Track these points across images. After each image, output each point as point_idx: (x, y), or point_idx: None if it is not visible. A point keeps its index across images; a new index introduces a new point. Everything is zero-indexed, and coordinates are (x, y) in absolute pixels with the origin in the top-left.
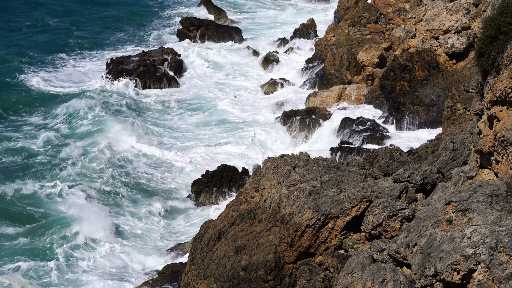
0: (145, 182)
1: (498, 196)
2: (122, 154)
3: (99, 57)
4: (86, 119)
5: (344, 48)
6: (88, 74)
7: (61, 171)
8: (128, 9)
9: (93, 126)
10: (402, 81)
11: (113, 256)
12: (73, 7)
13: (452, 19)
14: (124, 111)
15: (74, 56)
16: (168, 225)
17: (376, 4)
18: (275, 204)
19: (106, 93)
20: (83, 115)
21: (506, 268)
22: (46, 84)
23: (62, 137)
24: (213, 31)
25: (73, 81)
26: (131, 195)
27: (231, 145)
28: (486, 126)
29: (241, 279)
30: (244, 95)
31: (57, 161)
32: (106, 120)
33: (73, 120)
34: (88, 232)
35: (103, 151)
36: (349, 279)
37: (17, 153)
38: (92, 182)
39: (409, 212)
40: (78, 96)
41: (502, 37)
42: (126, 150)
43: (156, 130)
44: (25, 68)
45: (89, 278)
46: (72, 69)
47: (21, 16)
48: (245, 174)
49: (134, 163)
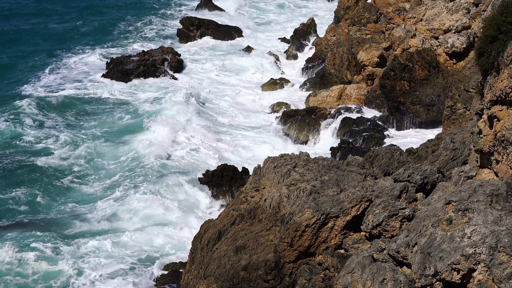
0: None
1: (498, 195)
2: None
3: (99, 57)
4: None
5: (344, 48)
6: (89, 73)
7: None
8: (128, 8)
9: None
10: (402, 81)
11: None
12: (72, 6)
13: (452, 19)
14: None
15: (73, 55)
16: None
17: (376, 3)
18: (275, 204)
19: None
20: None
21: (506, 267)
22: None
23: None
24: (213, 30)
25: (73, 80)
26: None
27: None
28: (486, 125)
29: (241, 278)
30: (243, 95)
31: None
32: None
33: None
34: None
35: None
36: (349, 279)
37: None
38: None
39: (409, 211)
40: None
41: (502, 37)
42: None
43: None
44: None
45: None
46: (71, 67)
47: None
48: (245, 173)
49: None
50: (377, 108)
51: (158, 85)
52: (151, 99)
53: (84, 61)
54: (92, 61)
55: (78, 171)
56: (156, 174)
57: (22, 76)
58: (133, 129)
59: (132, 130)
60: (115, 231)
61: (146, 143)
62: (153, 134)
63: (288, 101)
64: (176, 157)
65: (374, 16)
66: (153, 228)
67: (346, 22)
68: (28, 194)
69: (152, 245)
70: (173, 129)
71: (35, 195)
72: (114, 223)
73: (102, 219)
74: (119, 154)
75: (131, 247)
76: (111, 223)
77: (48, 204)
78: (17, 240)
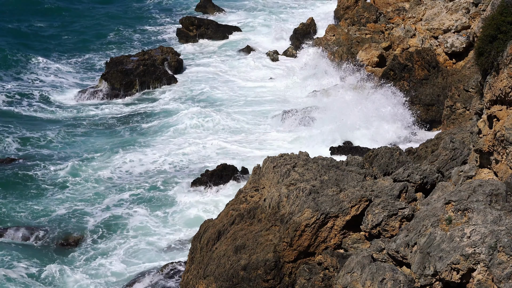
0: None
1: (497, 195)
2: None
3: (98, 56)
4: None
5: (343, 48)
6: (88, 73)
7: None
8: (128, 8)
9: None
10: (402, 81)
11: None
12: (71, 5)
13: (451, 19)
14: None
15: (72, 54)
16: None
17: (375, 3)
18: (274, 204)
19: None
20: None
21: (506, 267)
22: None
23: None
24: (213, 30)
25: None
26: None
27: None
28: (485, 125)
29: (241, 278)
30: (244, 95)
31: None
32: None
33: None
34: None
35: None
36: (348, 279)
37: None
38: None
39: (409, 211)
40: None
41: (502, 37)
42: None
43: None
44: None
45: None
46: (70, 67)
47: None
48: (245, 173)
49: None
50: None
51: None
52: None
53: (81, 61)
54: (92, 60)
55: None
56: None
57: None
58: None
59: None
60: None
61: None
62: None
63: (288, 101)
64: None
65: (373, 16)
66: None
67: (346, 22)
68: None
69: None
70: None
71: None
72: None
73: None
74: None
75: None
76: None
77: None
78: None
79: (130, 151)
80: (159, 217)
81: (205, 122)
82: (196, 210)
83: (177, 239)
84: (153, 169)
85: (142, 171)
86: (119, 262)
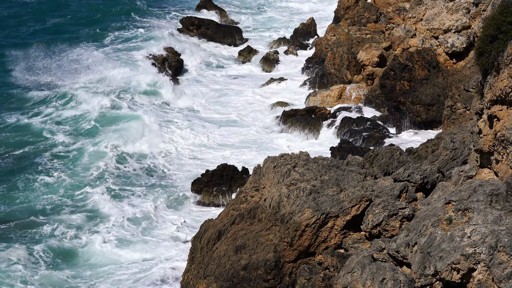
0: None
1: (498, 195)
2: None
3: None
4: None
5: (344, 48)
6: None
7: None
8: (128, 7)
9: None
10: (402, 81)
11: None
12: (70, 3)
13: (452, 19)
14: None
15: (70, 53)
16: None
17: (376, 3)
18: (275, 204)
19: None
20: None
21: (506, 267)
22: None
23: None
24: (213, 30)
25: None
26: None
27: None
28: (486, 125)
29: (241, 278)
30: (243, 95)
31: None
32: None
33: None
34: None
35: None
36: (349, 278)
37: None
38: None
39: (409, 211)
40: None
41: (502, 37)
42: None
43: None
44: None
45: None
46: (69, 66)
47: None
48: (245, 173)
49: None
50: (377, 108)
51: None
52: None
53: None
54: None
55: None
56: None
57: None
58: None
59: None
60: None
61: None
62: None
63: (288, 101)
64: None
65: (374, 16)
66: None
67: (346, 22)
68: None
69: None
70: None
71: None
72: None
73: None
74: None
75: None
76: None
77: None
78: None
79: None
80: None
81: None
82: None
83: (177, 239)
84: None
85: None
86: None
